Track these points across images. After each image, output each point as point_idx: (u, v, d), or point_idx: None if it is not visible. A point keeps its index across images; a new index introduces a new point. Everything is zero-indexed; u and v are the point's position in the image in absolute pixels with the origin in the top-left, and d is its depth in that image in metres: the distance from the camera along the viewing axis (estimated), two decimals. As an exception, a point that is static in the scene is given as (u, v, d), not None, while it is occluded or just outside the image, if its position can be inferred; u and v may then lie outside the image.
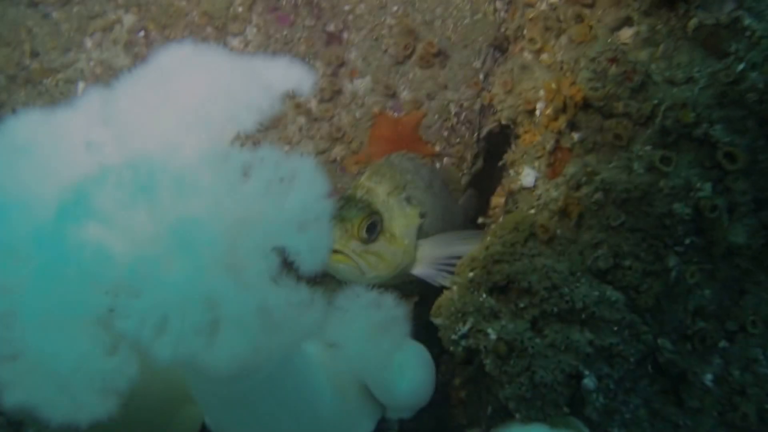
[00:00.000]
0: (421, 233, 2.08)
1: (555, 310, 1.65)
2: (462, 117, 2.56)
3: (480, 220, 2.20)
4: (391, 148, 2.54)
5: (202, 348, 1.16)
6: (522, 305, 1.68)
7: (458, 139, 2.57)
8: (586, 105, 1.81)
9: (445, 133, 2.58)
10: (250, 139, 2.45)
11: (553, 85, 1.84)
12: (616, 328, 1.66)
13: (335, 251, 1.91)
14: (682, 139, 1.74)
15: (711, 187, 1.70)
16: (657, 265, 1.73)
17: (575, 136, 1.85)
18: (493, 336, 1.65)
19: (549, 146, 1.90)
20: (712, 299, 1.80)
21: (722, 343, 1.82)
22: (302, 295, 1.27)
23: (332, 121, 2.55)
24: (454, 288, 1.77)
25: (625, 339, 1.67)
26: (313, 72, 1.50)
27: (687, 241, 1.74)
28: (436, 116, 2.56)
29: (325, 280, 2.14)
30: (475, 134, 2.56)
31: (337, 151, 2.57)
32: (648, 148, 1.75)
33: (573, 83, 1.80)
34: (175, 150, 1.27)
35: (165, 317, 1.14)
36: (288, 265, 1.24)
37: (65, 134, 1.37)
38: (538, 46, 2.00)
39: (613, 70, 1.77)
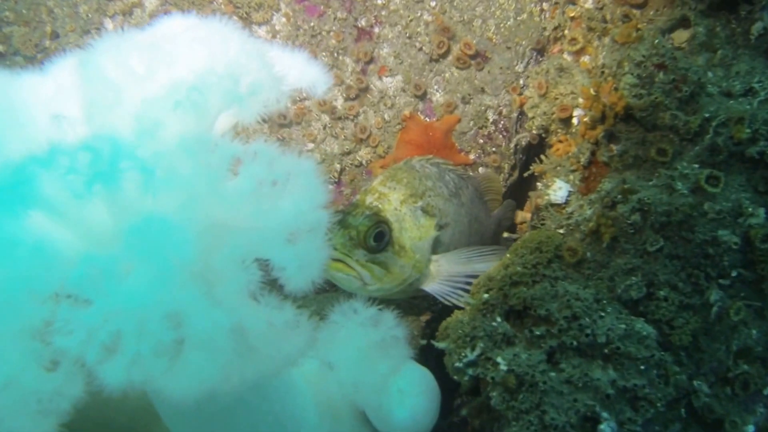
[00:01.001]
0: (439, 246, 1.89)
1: (574, 343, 1.45)
2: (500, 125, 2.37)
3: (505, 235, 2.01)
4: (420, 154, 2.36)
5: (161, 372, 0.97)
6: (538, 333, 1.49)
7: (494, 148, 2.39)
8: (627, 115, 1.61)
9: (481, 141, 2.39)
10: (259, 133, 2.30)
11: (592, 91, 1.64)
12: (643, 367, 1.45)
13: (336, 259, 1.74)
14: (734, 158, 1.55)
15: (765, 214, 1.50)
16: (696, 298, 1.54)
17: (614, 148, 1.65)
18: (503, 366, 1.46)
19: (584, 159, 1.70)
20: (758, 340, 1.61)
21: (768, 390, 1.60)
22: (286, 315, 1.08)
23: (358, 119, 2.39)
24: (466, 309, 1.58)
25: (653, 380, 1.46)
26: (330, 76, 1.35)
27: (733, 274, 1.55)
28: (472, 122, 2.38)
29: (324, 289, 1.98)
30: (513, 143, 2.37)
31: (363, 154, 2.40)
32: (695, 166, 1.55)
33: (614, 89, 1.60)
34: (153, 131, 1.08)
35: (117, 334, 0.95)
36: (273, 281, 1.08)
37: (27, 101, 1.22)
38: (579, 46, 1.82)
39: (661, 77, 1.58)
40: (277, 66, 1.29)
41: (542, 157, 1.92)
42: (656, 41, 1.57)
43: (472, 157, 2.40)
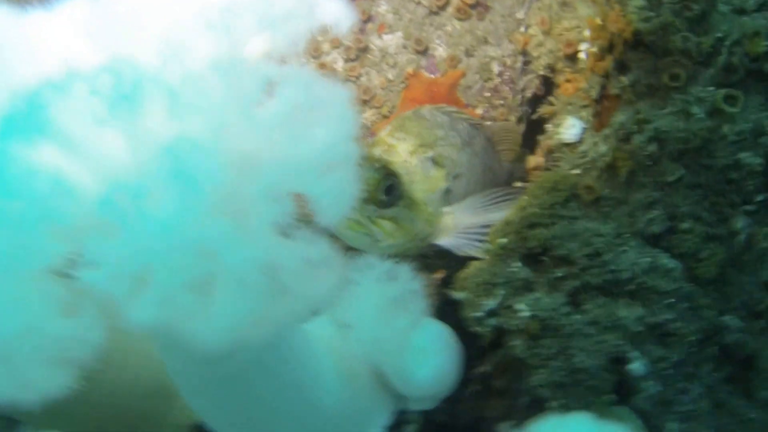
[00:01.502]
0: (452, 197, 1.82)
1: (598, 281, 1.39)
2: (505, 76, 2.29)
3: (518, 184, 1.94)
4: (427, 110, 2.29)
5: (193, 312, 0.89)
6: (559, 275, 1.42)
7: (501, 101, 2.31)
8: (637, 41, 1.53)
9: (487, 95, 2.32)
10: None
11: (599, 21, 1.56)
12: (672, 301, 1.38)
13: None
14: (752, 77, 1.47)
15: (787, 131, 1.42)
16: (722, 227, 1.47)
17: (624, 79, 1.57)
18: (525, 312, 1.40)
19: (595, 93, 1.63)
20: None
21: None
22: (321, 250, 0.99)
23: (360, 81, 2.32)
24: (485, 257, 1.52)
25: (683, 314, 1.39)
26: (354, 11, 1.28)
27: (759, 198, 1.47)
28: (477, 75, 2.30)
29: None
30: (519, 95, 2.29)
31: (368, 116, 2.34)
32: (710, 88, 1.47)
33: (622, 15, 1.52)
34: (182, 53, 0.99)
35: (147, 267, 0.87)
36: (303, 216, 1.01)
37: (40, 33, 1.13)
38: (581, -23, 1.73)
39: (669, -3, 1.49)
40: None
41: (551, 98, 1.84)
42: (662, -40, 1.49)
43: (479, 111, 2.32)
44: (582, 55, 1.70)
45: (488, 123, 2.22)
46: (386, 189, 1.68)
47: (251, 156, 0.97)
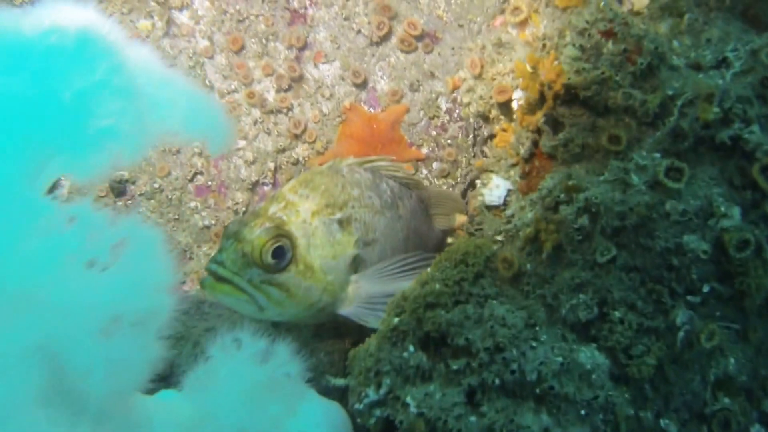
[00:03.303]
0: (364, 266, 1.59)
1: (497, 381, 1.16)
2: (455, 114, 2.06)
3: (449, 240, 1.72)
4: (364, 150, 2.07)
5: None
6: (455, 368, 1.19)
7: (450, 141, 2.08)
8: (571, 95, 1.31)
9: (434, 133, 2.09)
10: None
11: (529, 67, 1.34)
12: (584, 412, 1.15)
13: (222, 279, 1.45)
14: (703, 144, 1.25)
15: (740, 214, 1.19)
16: (660, 319, 1.25)
17: (559, 137, 1.35)
18: (412, 408, 1.17)
19: (524, 150, 1.40)
20: (742, 368, 1.33)
21: (755, 428, 1.34)
22: None
23: (292, 113, 2.10)
24: (371, 337, 1.29)
25: (597, 427, 1.15)
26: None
27: (705, 289, 1.27)
28: (422, 112, 2.08)
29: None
30: (471, 135, 2.06)
31: (300, 151, 2.11)
32: (655, 155, 1.25)
33: (554, 64, 1.30)
34: None
35: None
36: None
37: None
38: (522, 17, 1.53)
39: (610, 47, 1.28)
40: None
41: (486, 149, 1.62)
42: (602, 3, 1.27)
43: (424, 151, 2.10)
44: (515, 105, 1.48)
45: (426, 183, 2.00)
46: (274, 251, 1.46)
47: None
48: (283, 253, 1.47)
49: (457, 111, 2.05)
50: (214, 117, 1.14)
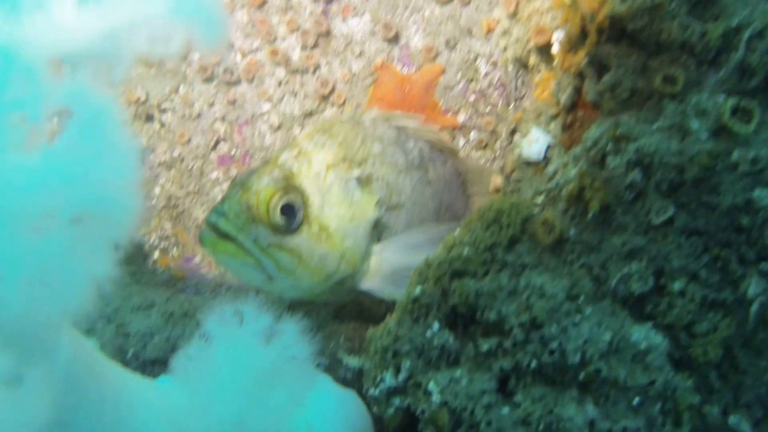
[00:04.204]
0: (384, 232, 1.42)
1: (534, 363, 0.98)
2: (495, 78, 1.87)
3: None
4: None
5: None
6: (486, 349, 1.02)
7: (489, 107, 1.89)
8: (617, 30, 1.12)
9: (472, 98, 1.90)
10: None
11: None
12: (637, 401, 0.97)
13: (225, 235, 1.27)
14: (776, 83, 1.05)
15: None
16: (728, 291, 1.05)
17: (605, 80, 1.15)
18: (435, 396, 1.00)
19: (565, 98, 1.21)
20: None
21: None
22: None
23: (319, 72, 1.94)
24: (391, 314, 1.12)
25: (653, 419, 0.97)
26: None
27: None
28: (459, 74, 1.89)
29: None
30: (512, 103, 1.86)
31: (329, 115, 1.95)
32: (717, 98, 1.05)
33: (598, -7, 1.11)
34: None
35: None
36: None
37: None
38: (562, -54, 1.31)
39: (663, -31, 1.08)
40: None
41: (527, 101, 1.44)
42: None
43: (460, 118, 1.91)
44: (555, 48, 1.29)
45: (462, 155, 1.82)
46: (283, 208, 1.29)
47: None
48: (293, 211, 1.29)
49: (498, 75, 1.86)
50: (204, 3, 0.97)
